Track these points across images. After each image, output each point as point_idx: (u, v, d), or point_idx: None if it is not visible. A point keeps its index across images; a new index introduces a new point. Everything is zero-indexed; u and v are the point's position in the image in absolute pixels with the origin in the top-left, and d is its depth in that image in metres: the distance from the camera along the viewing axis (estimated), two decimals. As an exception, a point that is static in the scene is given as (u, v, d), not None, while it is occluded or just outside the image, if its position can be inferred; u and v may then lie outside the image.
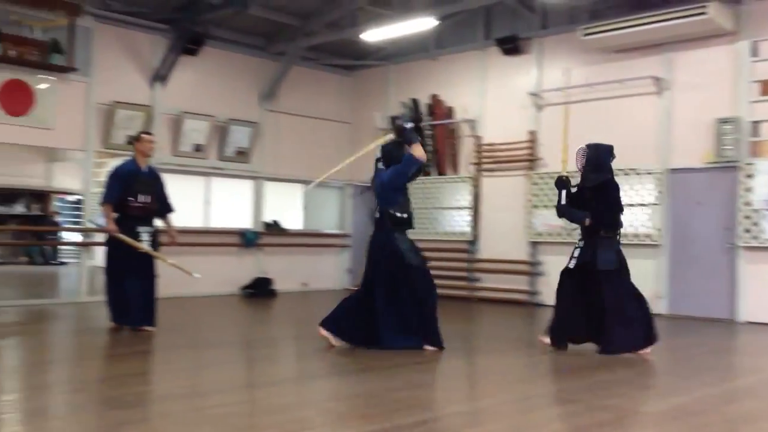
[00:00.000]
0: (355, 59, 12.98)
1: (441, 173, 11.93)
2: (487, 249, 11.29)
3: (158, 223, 7.68)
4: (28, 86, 9.53)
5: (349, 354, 6.49)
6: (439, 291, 11.50)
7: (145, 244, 7.28)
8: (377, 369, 5.65)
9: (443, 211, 11.83)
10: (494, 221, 11.22)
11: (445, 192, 11.82)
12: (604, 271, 6.23)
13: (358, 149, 13.01)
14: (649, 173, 9.61)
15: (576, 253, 6.41)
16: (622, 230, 6.60)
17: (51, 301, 10.13)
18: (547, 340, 6.57)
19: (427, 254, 11.68)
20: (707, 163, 9.20)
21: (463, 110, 11.61)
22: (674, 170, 9.50)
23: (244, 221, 11.98)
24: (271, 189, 12.36)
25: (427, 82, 12.22)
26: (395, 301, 6.21)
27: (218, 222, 11.66)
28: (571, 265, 6.42)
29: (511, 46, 10.98)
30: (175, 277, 10.66)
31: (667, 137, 9.55)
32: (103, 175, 13.86)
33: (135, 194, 7.29)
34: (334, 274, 13.10)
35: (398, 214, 6.32)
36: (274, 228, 12.25)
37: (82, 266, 10.32)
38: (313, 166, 12.74)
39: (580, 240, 6.49)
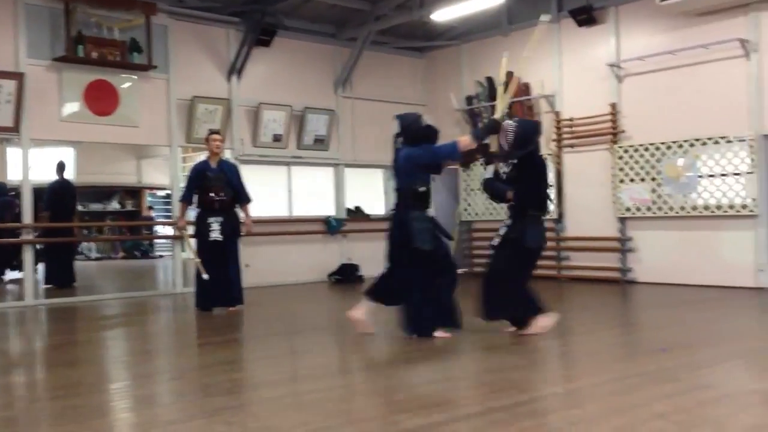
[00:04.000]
0: (426, 40, 12.89)
1: (520, 151, 11.74)
2: (574, 226, 11.05)
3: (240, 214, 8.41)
4: (112, 86, 9.86)
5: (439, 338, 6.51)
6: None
7: (214, 233, 8.05)
8: (470, 352, 5.65)
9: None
10: (579, 198, 10.96)
11: (524, 170, 11.62)
12: (530, 248, 6.13)
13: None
14: (742, 140, 9.17)
15: (502, 231, 6.25)
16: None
17: (149, 293, 10.53)
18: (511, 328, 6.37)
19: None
20: (805, 126, 8.73)
21: (540, 86, 11.37)
22: (768, 136, 9.06)
23: (327, 209, 12.12)
24: (351, 175, 12.45)
25: (500, 59, 11.98)
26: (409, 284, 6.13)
27: (301, 210, 11.84)
28: (495, 243, 6.29)
29: (586, 17, 10.66)
30: (264, 266, 11.00)
31: (758, 102, 9.09)
32: (188, 169, 14.32)
33: (206, 190, 8.08)
34: (418, 257, 13.10)
35: (424, 193, 6.14)
36: (357, 214, 12.35)
37: (176, 259, 10.66)
38: (390, 150, 12.80)
39: (508, 217, 6.30)
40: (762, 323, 7.10)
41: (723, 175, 9.35)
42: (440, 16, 10.71)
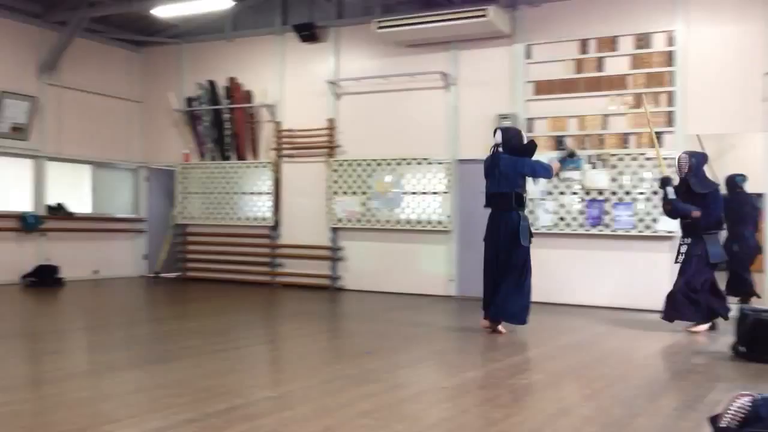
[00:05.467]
0: (145, 35, 12.36)
1: (241, 158, 11.78)
2: (289, 234, 11.36)
3: None
4: None
5: (148, 344, 6.30)
6: (242, 277, 11.62)
7: None
8: (182, 358, 5.53)
9: (244, 196, 11.70)
10: (296, 207, 11.31)
11: (245, 177, 11.69)
12: (714, 263, 7.07)
13: (151, 129, 12.59)
14: (440, 163, 10.21)
15: (683, 249, 7.15)
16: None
17: None
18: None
19: (228, 240, 11.73)
20: (490, 154, 9.94)
21: (262, 95, 11.53)
22: (461, 161, 10.16)
23: (24, 204, 10.99)
24: (54, 170, 11.45)
25: (224, 64, 11.97)
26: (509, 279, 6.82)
27: (-8, 204, 10.61)
28: (680, 261, 7.18)
29: (309, 33, 11.07)
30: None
31: (454, 129, 10.18)
32: None
33: None
34: (128, 260, 12.48)
35: (524, 195, 6.99)
36: (58, 211, 11.37)
37: None
38: (103, 145, 12.08)
39: (684, 237, 7.20)
40: (447, 327, 7.93)
41: (423, 193, 10.31)
42: (162, 12, 10.36)
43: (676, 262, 7.33)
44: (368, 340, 6.72)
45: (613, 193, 9.09)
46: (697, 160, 7.21)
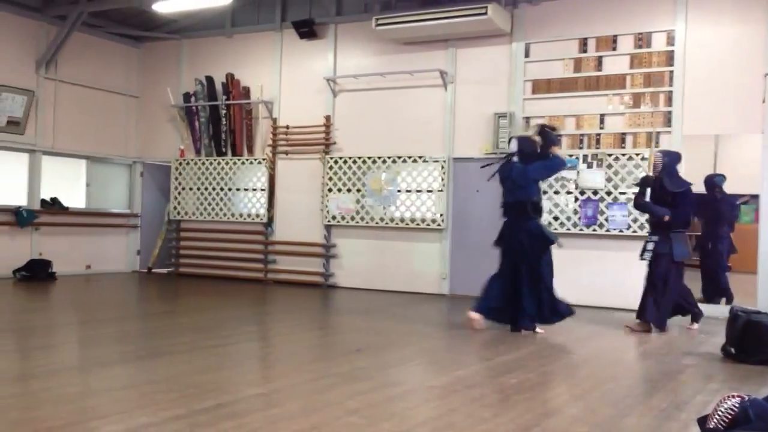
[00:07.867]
0: (144, 30, 12.34)
1: (236, 154, 11.76)
2: (283, 231, 11.35)
3: None
4: None
5: (139, 339, 6.29)
6: (235, 273, 11.61)
7: None
8: (172, 353, 5.52)
9: (238, 192, 11.68)
10: (290, 204, 11.30)
11: (240, 173, 11.67)
12: (678, 261, 7.16)
13: (148, 125, 12.57)
14: (436, 161, 10.19)
15: (649, 246, 7.20)
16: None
17: None
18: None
19: (222, 236, 11.73)
20: (486, 153, 9.93)
21: (259, 91, 11.51)
22: (457, 159, 10.16)
23: (19, 198, 10.98)
24: (49, 164, 11.43)
25: (222, 60, 11.95)
26: (536, 284, 6.84)
27: (-14, 198, 10.60)
28: (647, 258, 7.22)
29: (307, 30, 11.05)
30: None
31: (451, 128, 10.16)
32: None
33: None
34: (122, 255, 12.46)
35: (540, 203, 6.99)
36: (53, 206, 11.36)
37: None
38: (99, 140, 12.07)
39: (651, 235, 7.29)
40: (438, 326, 7.92)
41: (418, 191, 10.30)
42: (162, 7, 10.34)
43: (641, 258, 7.35)
44: (359, 337, 6.71)
45: (608, 193, 9.08)
46: (670, 159, 7.28)
